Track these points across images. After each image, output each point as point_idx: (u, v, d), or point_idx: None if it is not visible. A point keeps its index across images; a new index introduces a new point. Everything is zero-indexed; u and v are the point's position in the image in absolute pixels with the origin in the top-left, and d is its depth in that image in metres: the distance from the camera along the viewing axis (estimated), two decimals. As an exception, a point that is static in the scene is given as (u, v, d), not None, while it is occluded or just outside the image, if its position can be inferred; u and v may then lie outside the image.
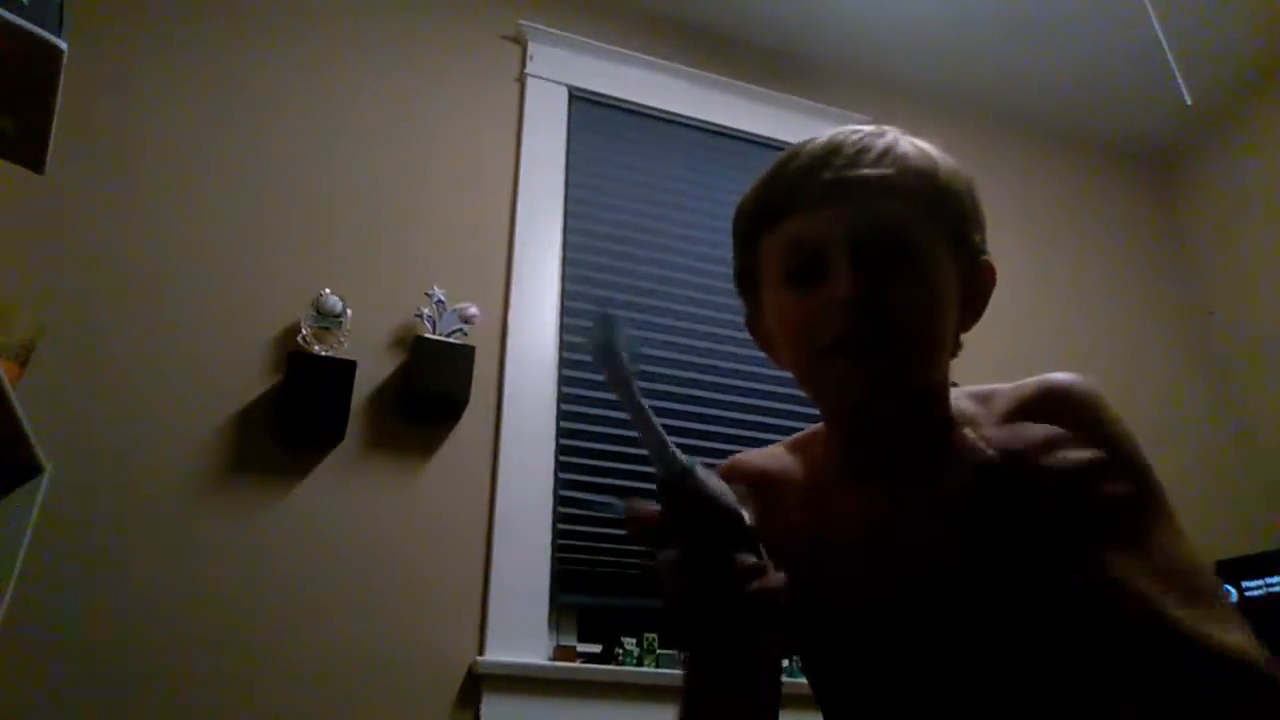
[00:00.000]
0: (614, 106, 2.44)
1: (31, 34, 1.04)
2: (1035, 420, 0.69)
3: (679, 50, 2.59)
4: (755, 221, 0.74)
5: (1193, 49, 2.61)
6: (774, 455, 0.84)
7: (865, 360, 0.65)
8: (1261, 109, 2.87)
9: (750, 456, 0.85)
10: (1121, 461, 0.66)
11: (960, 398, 0.75)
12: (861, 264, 0.66)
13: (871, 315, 0.65)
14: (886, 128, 0.73)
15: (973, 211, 0.73)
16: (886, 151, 0.70)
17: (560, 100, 2.37)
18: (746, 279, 0.78)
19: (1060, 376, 0.72)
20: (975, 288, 0.74)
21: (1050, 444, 0.67)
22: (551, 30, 2.43)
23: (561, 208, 2.23)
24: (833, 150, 0.70)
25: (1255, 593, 2.19)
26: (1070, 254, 2.88)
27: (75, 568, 1.54)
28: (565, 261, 2.17)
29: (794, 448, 0.84)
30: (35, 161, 1.21)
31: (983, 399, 0.74)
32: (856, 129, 0.72)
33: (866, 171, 0.68)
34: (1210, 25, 2.65)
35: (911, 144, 0.72)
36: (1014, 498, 0.67)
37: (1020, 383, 0.73)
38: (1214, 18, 2.63)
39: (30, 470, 1.44)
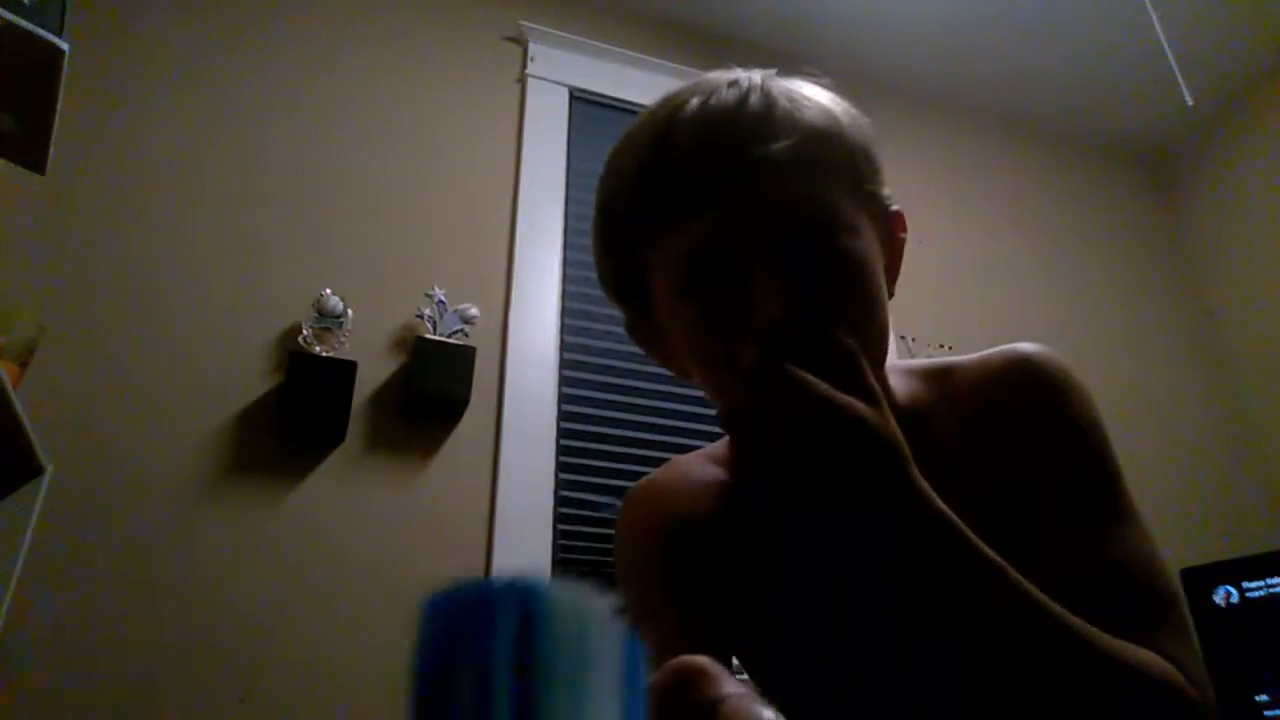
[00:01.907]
0: (614, 107, 2.44)
1: (32, 34, 1.04)
2: (1002, 394, 0.64)
3: (680, 51, 2.59)
4: (637, 225, 0.60)
5: (1193, 49, 2.60)
6: (693, 481, 0.71)
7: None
8: (1261, 109, 2.87)
9: (663, 494, 0.72)
10: (1081, 447, 0.61)
11: (912, 378, 0.68)
12: (791, 272, 0.55)
13: (815, 337, 0.53)
14: (755, 75, 0.59)
15: (878, 161, 0.63)
16: (785, 115, 0.57)
17: (561, 101, 2.37)
18: (624, 284, 0.65)
19: (1028, 348, 0.66)
20: (893, 248, 0.64)
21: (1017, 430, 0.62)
22: (552, 31, 2.43)
23: (562, 208, 2.23)
24: (720, 122, 0.56)
25: (1256, 593, 2.18)
26: (1070, 254, 2.87)
27: (75, 568, 1.54)
28: (565, 262, 2.17)
29: (716, 460, 0.72)
30: (37, 162, 1.22)
31: (940, 376, 0.67)
32: (724, 81, 0.59)
33: (773, 147, 0.55)
34: (1210, 25, 2.65)
35: (802, 96, 0.60)
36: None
37: (986, 355, 0.67)
38: (1214, 18, 2.63)
39: (30, 470, 1.43)
